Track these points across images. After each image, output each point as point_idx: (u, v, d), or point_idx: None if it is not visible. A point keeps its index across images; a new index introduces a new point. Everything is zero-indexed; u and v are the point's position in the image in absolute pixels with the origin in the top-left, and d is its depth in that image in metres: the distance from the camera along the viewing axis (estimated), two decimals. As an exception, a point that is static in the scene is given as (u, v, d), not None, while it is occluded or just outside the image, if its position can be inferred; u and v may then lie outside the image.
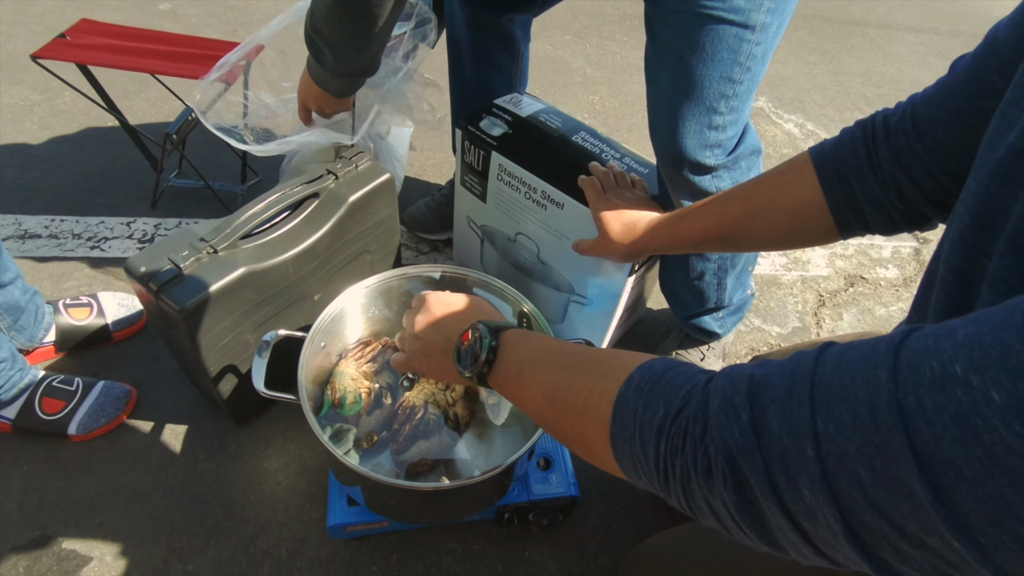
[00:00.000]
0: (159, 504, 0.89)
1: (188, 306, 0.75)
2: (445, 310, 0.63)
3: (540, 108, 1.07)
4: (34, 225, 1.26)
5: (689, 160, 0.78)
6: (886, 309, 1.38)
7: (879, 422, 0.27)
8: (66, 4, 1.91)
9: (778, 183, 0.65)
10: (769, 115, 1.95)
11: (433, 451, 0.82)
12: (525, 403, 0.52)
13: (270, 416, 1.00)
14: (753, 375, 0.34)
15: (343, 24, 0.75)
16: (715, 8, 0.69)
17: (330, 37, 0.77)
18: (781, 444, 0.31)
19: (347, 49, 0.78)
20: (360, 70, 0.84)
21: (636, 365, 0.42)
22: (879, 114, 0.58)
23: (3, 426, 0.92)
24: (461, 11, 1.02)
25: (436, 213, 1.30)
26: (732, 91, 0.74)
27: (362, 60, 0.82)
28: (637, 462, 0.40)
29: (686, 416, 0.36)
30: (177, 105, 1.36)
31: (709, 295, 0.99)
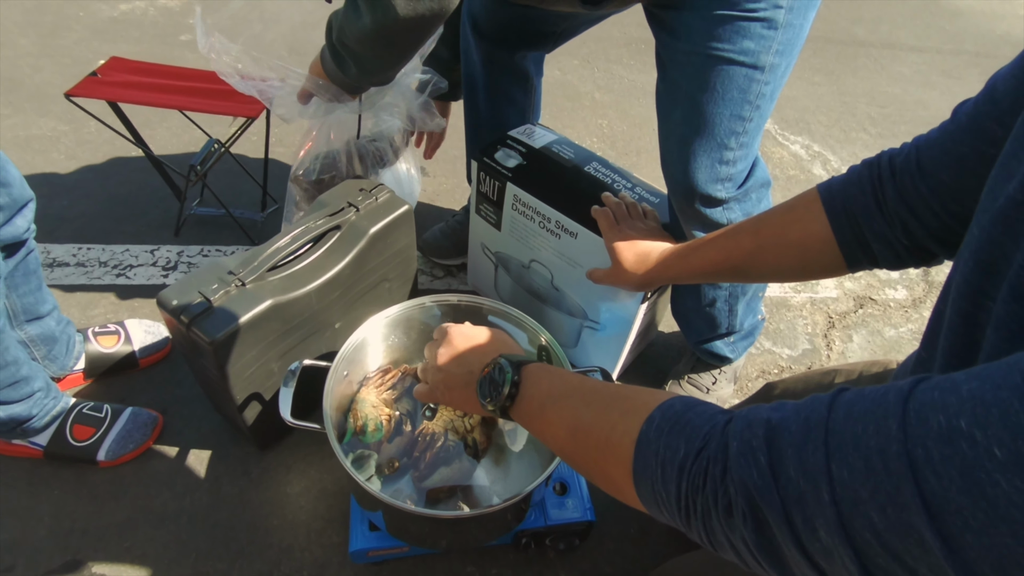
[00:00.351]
0: (185, 529, 0.91)
1: (218, 338, 0.78)
2: (467, 343, 0.66)
3: (553, 139, 1.10)
4: (62, 253, 1.30)
5: (701, 193, 0.81)
6: (895, 330, 1.39)
7: (890, 471, 0.29)
8: (91, 36, 1.98)
9: (788, 218, 0.67)
10: (775, 137, 1.98)
11: (454, 477, 0.84)
12: (547, 437, 0.54)
13: (291, 442, 1.03)
14: (770, 419, 0.36)
15: (374, 49, 0.77)
16: (726, 50, 0.72)
17: (359, 55, 0.80)
18: (798, 487, 0.33)
19: (372, 66, 0.81)
20: (378, 82, 0.88)
21: (657, 404, 0.44)
22: (885, 154, 0.60)
23: (35, 452, 0.95)
24: (476, 49, 1.06)
25: (451, 239, 1.33)
26: (742, 128, 0.76)
27: (383, 76, 0.86)
28: (659, 499, 0.42)
29: (706, 456, 0.38)
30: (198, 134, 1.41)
31: (720, 321, 1.00)
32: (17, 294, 0.90)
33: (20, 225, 0.82)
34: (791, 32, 0.72)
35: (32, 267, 0.91)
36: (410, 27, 0.71)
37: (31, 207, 0.85)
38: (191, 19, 2.14)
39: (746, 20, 0.70)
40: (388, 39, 0.74)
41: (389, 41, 0.75)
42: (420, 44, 0.78)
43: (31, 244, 0.89)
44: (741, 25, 0.70)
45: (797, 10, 0.71)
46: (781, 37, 0.72)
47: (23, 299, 0.91)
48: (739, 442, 0.37)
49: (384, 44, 0.76)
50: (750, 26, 0.70)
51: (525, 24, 1.00)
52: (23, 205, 0.83)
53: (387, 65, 0.82)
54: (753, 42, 0.71)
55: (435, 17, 0.71)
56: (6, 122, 1.62)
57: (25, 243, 0.87)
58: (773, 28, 0.71)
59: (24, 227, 0.83)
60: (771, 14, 0.70)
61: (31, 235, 0.87)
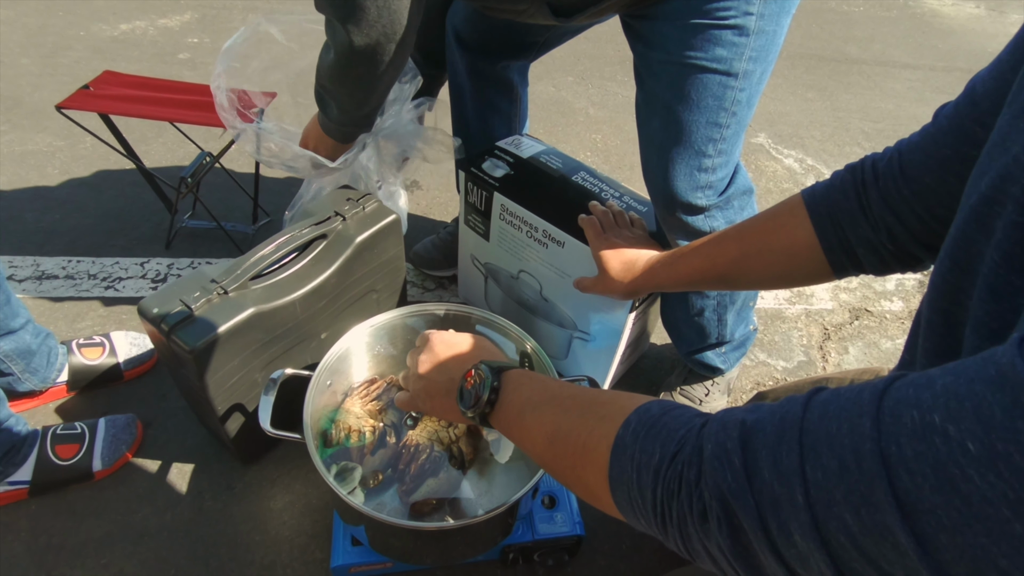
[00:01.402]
0: (164, 545, 0.89)
1: (198, 346, 0.77)
2: (449, 351, 0.65)
3: (541, 149, 1.10)
4: (52, 266, 1.29)
5: (681, 201, 0.80)
6: (892, 342, 1.37)
7: (863, 470, 0.27)
8: (91, 55, 2.00)
9: (772, 225, 0.67)
10: (769, 151, 1.99)
11: (441, 489, 0.83)
12: (526, 444, 0.53)
13: (276, 455, 1.01)
14: (745, 420, 0.35)
15: (344, 83, 0.82)
16: (699, 58, 0.72)
17: (333, 92, 0.85)
18: (772, 489, 0.31)
19: (349, 104, 0.86)
20: (360, 122, 0.92)
21: (633, 408, 0.43)
22: (868, 159, 0.59)
23: (19, 494, 0.90)
24: (461, 60, 1.07)
25: (441, 250, 1.33)
26: (719, 135, 0.76)
27: (362, 113, 0.89)
28: (635, 505, 0.40)
29: (681, 460, 0.37)
30: (192, 149, 1.41)
31: (710, 331, 0.99)
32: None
33: None
34: (764, 38, 0.72)
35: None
36: (368, 54, 0.75)
37: None
38: (190, 38, 2.17)
39: (717, 28, 0.70)
40: (351, 70, 0.79)
41: (354, 73, 0.79)
42: (380, 70, 0.79)
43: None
44: (713, 33, 0.70)
45: (769, 16, 0.71)
46: (754, 43, 0.72)
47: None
48: (713, 444, 0.36)
49: (351, 77, 0.80)
50: (722, 34, 0.70)
51: (507, 34, 1.01)
52: None
53: (360, 99, 0.86)
54: (725, 49, 0.71)
55: (387, 41, 0.74)
56: (3, 138, 1.63)
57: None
58: (745, 35, 0.71)
59: None
60: (742, 21, 0.70)
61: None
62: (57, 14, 2.20)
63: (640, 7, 0.74)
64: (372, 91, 0.84)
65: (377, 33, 0.73)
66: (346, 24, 0.72)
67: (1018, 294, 0.34)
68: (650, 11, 0.74)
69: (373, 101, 0.88)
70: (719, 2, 0.69)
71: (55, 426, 0.95)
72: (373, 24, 0.71)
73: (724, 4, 0.69)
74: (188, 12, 2.31)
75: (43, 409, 1.05)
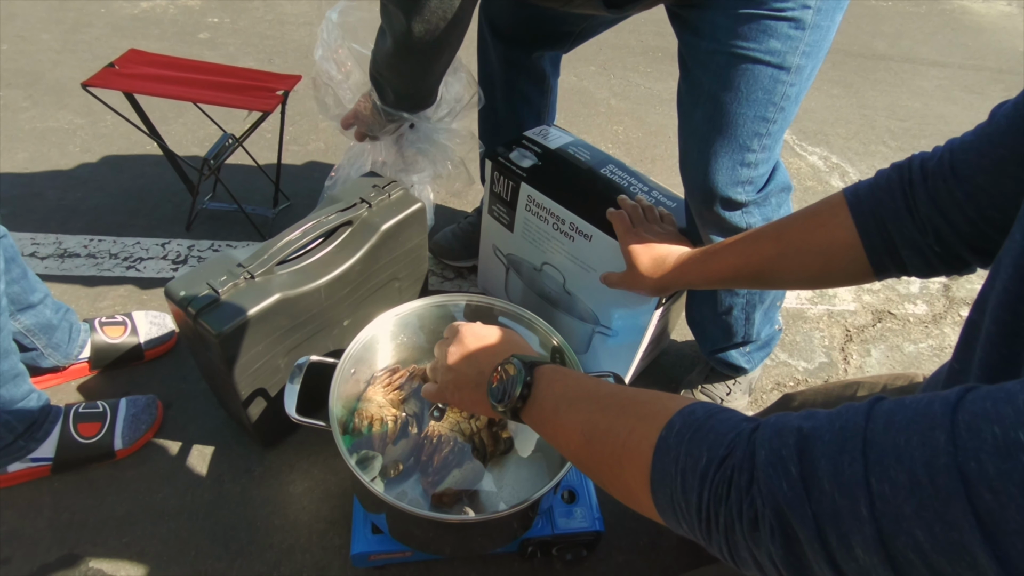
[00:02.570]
0: (185, 526, 0.90)
1: (225, 331, 0.77)
2: (479, 343, 0.64)
3: (569, 141, 1.09)
4: (74, 245, 1.30)
5: (721, 196, 0.79)
6: (915, 346, 1.35)
7: (938, 486, 0.27)
8: (112, 33, 2.00)
9: (812, 223, 0.65)
10: (793, 147, 1.95)
11: (466, 480, 0.82)
12: (560, 441, 0.52)
13: (295, 440, 1.01)
14: (802, 427, 0.34)
15: (401, 68, 0.81)
16: (751, 49, 0.70)
17: (390, 79, 0.83)
18: (833, 501, 0.30)
19: (404, 88, 0.85)
20: (414, 104, 0.90)
21: (677, 409, 0.42)
22: (916, 157, 0.58)
23: (42, 471, 0.91)
24: (494, 48, 1.05)
25: (462, 241, 1.32)
26: (766, 130, 0.74)
27: (419, 95, 0.88)
28: (678, 509, 0.39)
29: (731, 465, 0.36)
30: (213, 130, 1.40)
31: (737, 330, 0.98)
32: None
33: None
34: (818, 33, 0.70)
35: (8, 254, 0.88)
36: (426, 40, 0.74)
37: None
38: (210, 17, 2.16)
39: (773, 19, 0.68)
40: (409, 57, 0.77)
41: (411, 59, 0.78)
42: (440, 56, 0.79)
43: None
44: (768, 24, 0.68)
45: (825, 11, 0.69)
46: (808, 38, 0.70)
47: (8, 288, 0.88)
48: (767, 451, 0.35)
49: (408, 63, 0.79)
50: (777, 25, 0.68)
51: (543, 24, 0.99)
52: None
53: (416, 83, 0.85)
54: (780, 42, 0.69)
55: (445, 25, 0.72)
56: (24, 114, 1.63)
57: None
58: (801, 28, 0.69)
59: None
60: (799, 14, 0.68)
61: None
62: (78, -10, 2.20)
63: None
64: (428, 74, 0.83)
65: (437, 19, 0.71)
66: (407, 11, 0.70)
67: None
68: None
69: (429, 83, 0.86)
70: None
71: (77, 404, 0.96)
72: (434, 10, 0.70)
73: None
74: (208, -9, 2.30)
75: (65, 387, 1.05)
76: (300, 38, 2.12)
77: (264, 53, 2.02)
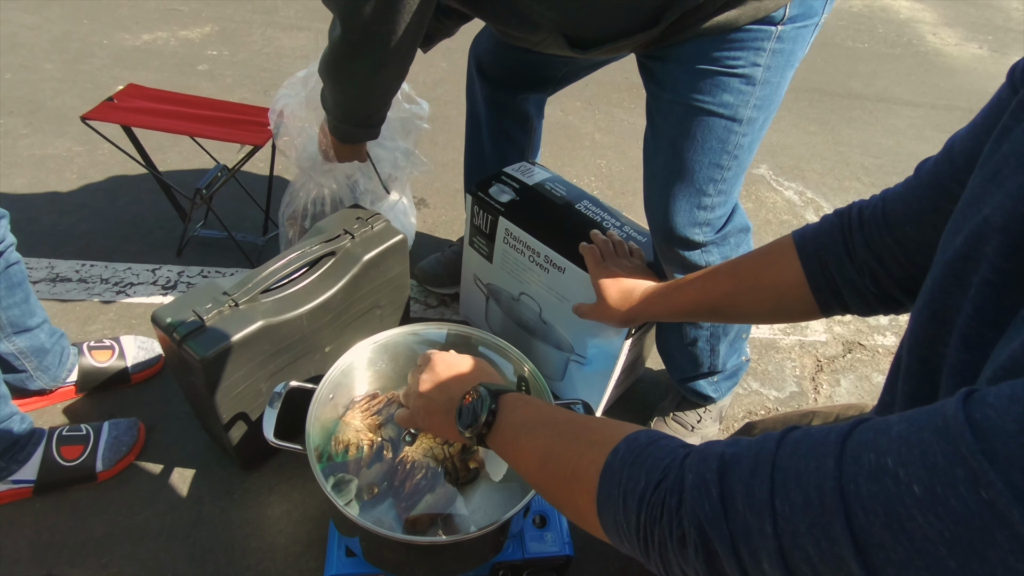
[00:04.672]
0: (163, 548, 0.91)
1: (208, 356, 0.80)
2: (449, 371, 0.67)
3: (547, 177, 1.14)
4: (65, 269, 1.33)
5: (679, 236, 0.84)
6: (883, 376, 1.39)
7: (825, 506, 0.30)
8: (113, 63, 2.06)
9: (764, 262, 0.70)
10: (770, 182, 2.02)
11: (438, 505, 0.85)
12: (520, 466, 0.55)
13: (275, 463, 1.03)
14: (724, 453, 0.38)
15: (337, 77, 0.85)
16: (706, 102, 0.75)
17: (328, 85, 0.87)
18: (745, 520, 0.34)
19: (342, 99, 0.88)
20: (358, 123, 0.93)
21: (623, 436, 0.46)
22: (856, 205, 0.63)
23: (23, 493, 0.93)
24: (480, 89, 1.11)
25: (446, 268, 1.36)
26: (720, 176, 0.80)
27: (359, 114, 0.92)
28: (620, 529, 0.43)
29: (664, 489, 0.40)
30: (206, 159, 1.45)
31: (703, 360, 1.02)
32: (1, 307, 0.91)
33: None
34: (768, 88, 0.76)
35: (16, 279, 0.92)
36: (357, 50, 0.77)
37: (3, 224, 0.88)
38: (209, 50, 2.23)
39: (726, 75, 0.74)
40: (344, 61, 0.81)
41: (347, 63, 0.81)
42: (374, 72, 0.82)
43: (12, 256, 0.90)
44: (721, 79, 0.74)
45: (775, 68, 0.75)
46: (759, 93, 0.76)
47: (8, 312, 0.92)
48: (694, 475, 0.38)
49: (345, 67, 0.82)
50: (730, 81, 0.74)
51: (528, 68, 1.05)
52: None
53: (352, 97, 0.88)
54: (732, 96, 0.75)
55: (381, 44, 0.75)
56: (24, 141, 1.68)
57: (3, 256, 0.88)
58: (751, 84, 0.75)
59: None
60: (750, 71, 0.74)
61: (6, 248, 0.89)
62: (82, 22, 2.27)
63: (654, 48, 0.78)
64: (366, 92, 0.86)
65: (371, 32, 0.74)
66: (343, 20, 0.74)
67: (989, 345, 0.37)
68: (663, 53, 0.78)
69: (369, 105, 0.90)
70: (729, 51, 0.73)
71: (61, 427, 0.98)
72: (369, 23, 0.73)
73: (734, 54, 0.73)
74: (209, 25, 2.37)
75: (51, 409, 1.07)
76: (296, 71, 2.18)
77: (260, 85, 2.08)
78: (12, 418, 0.89)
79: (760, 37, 0.73)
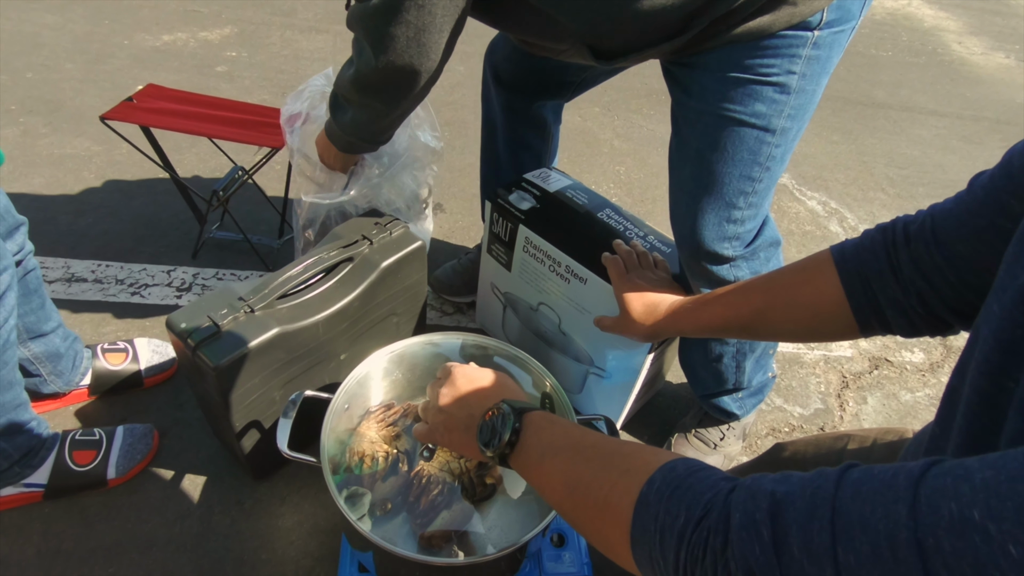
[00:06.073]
0: (171, 558, 0.89)
1: (222, 363, 0.78)
2: (470, 386, 0.65)
3: (567, 184, 1.11)
4: (81, 269, 1.32)
5: (707, 251, 0.81)
6: (912, 395, 1.35)
7: (898, 559, 0.27)
8: (133, 64, 2.07)
9: (800, 278, 0.66)
10: (792, 192, 1.98)
11: (455, 521, 0.82)
12: (545, 489, 0.53)
13: (286, 472, 1.01)
14: (775, 492, 0.35)
15: (362, 95, 0.82)
16: (738, 112, 0.72)
17: (351, 101, 0.85)
18: (802, 567, 0.31)
19: (363, 118, 0.86)
20: (369, 138, 0.92)
21: (658, 465, 0.43)
22: (900, 220, 0.59)
23: (33, 496, 0.92)
24: (496, 96, 1.09)
25: (462, 276, 1.34)
26: (751, 188, 0.77)
27: (374, 129, 0.90)
28: (656, 565, 0.40)
29: (707, 527, 0.37)
30: (223, 161, 1.44)
31: (728, 376, 0.99)
32: (18, 313, 0.89)
33: (10, 249, 0.84)
34: (803, 97, 0.73)
35: (32, 286, 0.92)
36: (388, 78, 0.76)
37: (22, 231, 0.88)
38: (228, 51, 2.23)
39: (759, 84, 0.71)
40: (371, 88, 0.80)
41: (372, 90, 0.80)
42: (402, 98, 0.81)
43: (30, 263, 0.90)
44: (754, 88, 0.71)
45: (810, 76, 0.72)
46: (793, 102, 0.73)
47: (24, 318, 0.92)
48: (742, 514, 0.35)
49: (369, 93, 0.81)
50: (763, 90, 0.71)
51: (545, 74, 1.03)
52: (13, 229, 0.85)
53: (375, 116, 0.86)
54: (765, 105, 0.72)
55: (412, 73, 0.75)
56: (43, 140, 1.68)
57: (21, 264, 0.88)
58: (786, 93, 0.72)
59: (15, 250, 0.86)
60: (785, 79, 0.71)
61: (25, 256, 0.89)
62: (103, 22, 2.28)
63: (681, 55, 0.75)
64: (389, 112, 0.85)
65: (402, 63, 0.73)
66: (374, 48, 0.73)
67: None
68: (691, 60, 0.75)
69: (386, 124, 0.89)
70: (762, 59, 0.70)
71: (74, 431, 0.96)
72: (401, 54, 0.72)
73: (767, 61, 0.70)
74: (228, 26, 2.38)
75: (64, 411, 1.06)
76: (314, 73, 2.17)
77: (279, 87, 2.08)
78: (29, 424, 0.88)
79: (795, 43, 0.70)
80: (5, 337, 0.78)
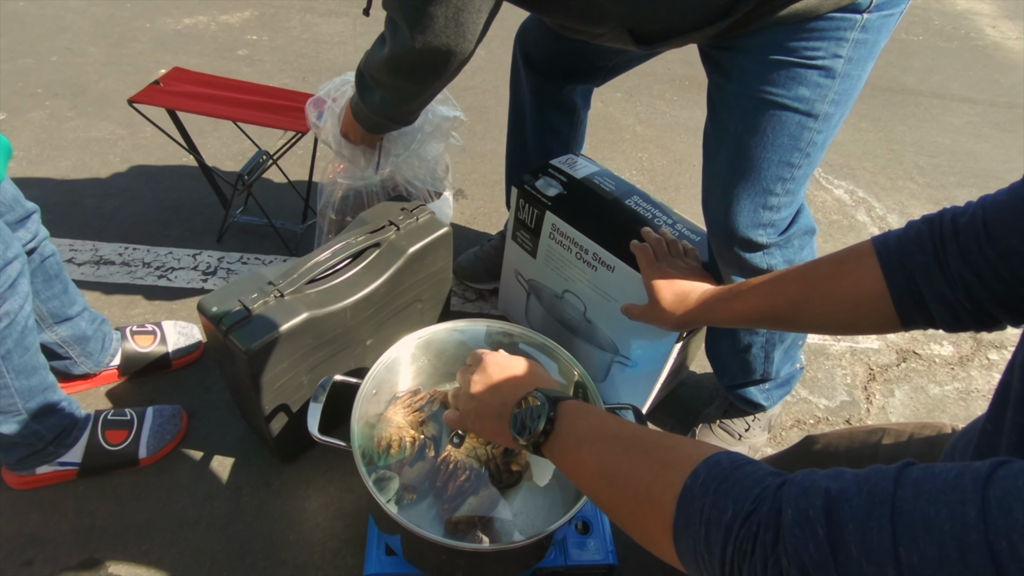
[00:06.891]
0: (202, 536, 0.91)
1: (253, 347, 0.79)
2: (503, 373, 0.65)
3: (595, 170, 1.10)
4: (109, 252, 1.34)
5: (741, 237, 0.79)
6: (940, 388, 1.33)
7: (968, 563, 0.27)
8: (155, 47, 2.07)
9: (839, 270, 0.65)
10: (819, 180, 1.95)
11: (482, 507, 0.83)
12: (582, 480, 0.52)
13: (313, 455, 1.02)
14: (829, 489, 0.34)
15: (393, 78, 0.81)
16: (780, 96, 0.70)
17: (381, 83, 0.84)
18: (860, 567, 0.30)
19: (393, 99, 0.85)
20: (397, 118, 0.91)
21: (702, 458, 0.42)
22: (947, 212, 0.58)
23: (68, 475, 0.94)
24: (526, 79, 1.07)
25: (484, 263, 1.33)
26: (790, 174, 0.75)
27: (403, 110, 0.89)
28: (700, 560, 0.40)
29: (756, 521, 0.36)
30: (248, 144, 1.45)
31: (756, 367, 0.97)
32: (40, 299, 0.91)
33: (23, 237, 0.85)
34: (849, 82, 0.71)
35: (53, 272, 0.92)
36: (424, 59, 0.75)
37: (35, 219, 0.88)
38: (249, 35, 2.23)
39: (804, 67, 0.69)
40: (404, 69, 0.79)
41: (406, 72, 0.79)
42: (435, 80, 0.80)
43: (46, 249, 0.91)
44: (798, 72, 0.69)
45: (856, 61, 0.70)
46: (838, 87, 0.70)
47: (47, 304, 0.93)
48: (795, 510, 0.35)
49: (402, 74, 0.80)
50: (807, 73, 0.69)
51: (577, 58, 1.01)
52: (24, 218, 0.86)
53: (406, 97, 0.85)
54: (809, 90, 0.70)
55: (448, 54, 0.74)
56: (68, 124, 1.70)
57: (36, 251, 0.89)
58: (831, 77, 0.70)
59: (28, 239, 0.86)
60: (830, 63, 0.69)
61: (40, 243, 0.89)
62: (125, 6, 2.29)
63: (723, 39, 0.73)
64: (420, 94, 0.84)
65: (439, 43, 0.72)
66: (411, 29, 0.71)
67: None
68: (733, 43, 0.73)
69: (415, 105, 0.88)
70: (808, 41, 0.68)
71: (106, 411, 0.98)
72: (438, 34, 0.71)
73: (813, 44, 0.68)
74: (248, 9, 2.37)
75: (95, 392, 1.08)
76: (334, 57, 2.18)
77: (299, 71, 2.07)
78: (60, 405, 0.90)
79: (843, 26, 0.68)
80: (23, 324, 0.79)
